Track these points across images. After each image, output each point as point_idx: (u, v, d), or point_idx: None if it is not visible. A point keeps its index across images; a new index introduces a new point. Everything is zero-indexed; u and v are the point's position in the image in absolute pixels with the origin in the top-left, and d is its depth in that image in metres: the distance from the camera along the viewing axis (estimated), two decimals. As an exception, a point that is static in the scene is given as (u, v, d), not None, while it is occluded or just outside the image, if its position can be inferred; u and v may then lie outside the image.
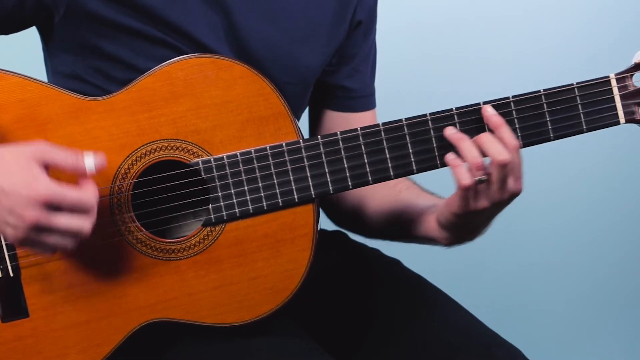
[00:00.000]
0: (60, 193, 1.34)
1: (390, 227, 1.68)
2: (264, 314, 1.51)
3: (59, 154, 1.37)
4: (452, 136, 1.49)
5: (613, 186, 2.91)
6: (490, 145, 1.46)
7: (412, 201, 1.65)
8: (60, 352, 1.48)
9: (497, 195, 1.46)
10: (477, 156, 1.46)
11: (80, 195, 1.36)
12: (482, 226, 1.56)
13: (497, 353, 1.57)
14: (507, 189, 1.47)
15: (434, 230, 1.57)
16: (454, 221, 1.51)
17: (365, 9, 1.70)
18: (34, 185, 1.33)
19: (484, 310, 1.80)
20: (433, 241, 1.61)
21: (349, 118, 1.72)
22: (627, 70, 1.52)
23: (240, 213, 1.49)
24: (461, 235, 1.56)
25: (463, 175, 1.45)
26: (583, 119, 1.52)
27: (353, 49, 1.70)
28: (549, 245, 2.91)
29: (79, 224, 1.36)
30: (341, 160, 1.51)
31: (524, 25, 2.78)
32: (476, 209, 1.47)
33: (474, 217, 1.50)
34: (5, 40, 1.59)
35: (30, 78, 1.46)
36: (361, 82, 1.73)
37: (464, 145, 1.47)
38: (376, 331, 1.65)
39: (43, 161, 1.35)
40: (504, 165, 1.44)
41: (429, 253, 2.26)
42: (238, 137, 1.49)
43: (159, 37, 1.52)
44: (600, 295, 2.98)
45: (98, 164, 1.38)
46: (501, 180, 1.45)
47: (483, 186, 1.46)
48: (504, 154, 1.45)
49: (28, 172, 1.33)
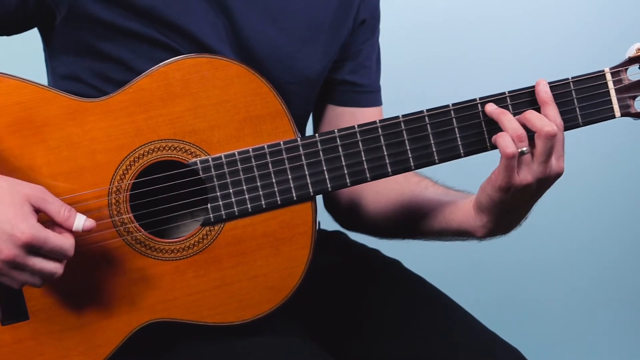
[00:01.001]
0: (43, 238, 1.36)
1: (405, 222, 1.66)
2: (264, 312, 1.51)
3: (53, 206, 1.39)
4: (494, 111, 1.49)
5: (612, 184, 2.91)
6: (536, 120, 1.46)
7: (440, 195, 1.64)
8: (60, 354, 1.47)
9: (540, 171, 1.46)
10: (518, 127, 1.46)
11: (61, 243, 1.38)
12: (522, 211, 1.54)
13: (496, 353, 1.57)
14: (551, 165, 1.47)
15: (468, 219, 1.55)
16: (496, 198, 1.49)
17: (369, 9, 1.70)
18: (20, 225, 1.34)
19: (484, 310, 1.79)
20: (466, 234, 1.58)
21: (356, 113, 1.72)
22: (621, 64, 1.54)
23: (239, 212, 1.50)
24: (500, 220, 1.53)
25: (508, 143, 1.45)
26: (579, 113, 1.53)
27: (358, 45, 1.70)
28: (548, 245, 2.90)
29: (53, 268, 1.38)
30: (339, 158, 1.51)
31: (524, 25, 2.80)
32: (520, 183, 1.46)
33: (516, 194, 1.48)
34: (5, 42, 1.59)
35: (27, 80, 1.47)
36: (367, 77, 1.73)
37: (506, 118, 1.47)
38: (376, 331, 1.64)
39: (37, 206, 1.38)
40: (550, 137, 1.44)
41: (429, 253, 2.27)
42: (236, 137, 1.50)
43: (159, 39, 1.53)
44: (599, 295, 2.98)
45: (86, 227, 1.40)
46: (545, 154, 1.45)
47: (527, 159, 1.46)
48: (550, 126, 1.45)
49: (18, 210, 1.35)
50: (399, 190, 1.68)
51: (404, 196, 1.67)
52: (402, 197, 1.67)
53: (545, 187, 1.50)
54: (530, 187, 1.47)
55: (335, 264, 1.74)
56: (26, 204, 1.36)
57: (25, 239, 1.34)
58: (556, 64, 2.66)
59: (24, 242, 1.35)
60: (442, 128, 1.51)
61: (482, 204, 1.52)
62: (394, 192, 1.68)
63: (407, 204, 1.66)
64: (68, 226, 1.39)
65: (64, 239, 1.38)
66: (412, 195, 1.66)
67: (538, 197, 1.53)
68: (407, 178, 1.68)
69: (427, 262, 1.89)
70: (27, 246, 1.35)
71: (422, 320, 1.63)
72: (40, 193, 1.38)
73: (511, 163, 1.45)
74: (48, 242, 1.36)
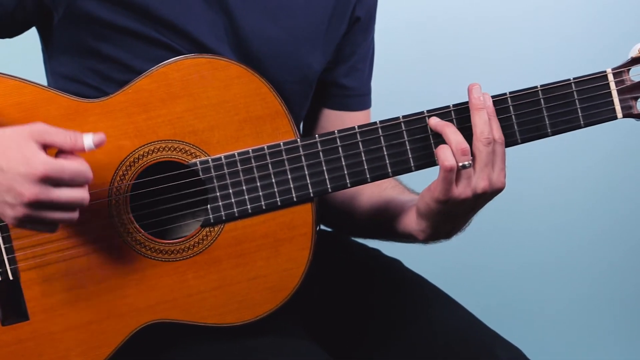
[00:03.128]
0: (59, 166, 1.33)
1: (373, 224, 1.68)
2: (264, 313, 1.51)
3: (58, 134, 1.36)
4: (437, 124, 1.49)
5: (613, 185, 2.91)
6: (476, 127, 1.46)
7: (395, 197, 1.65)
8: (60, 355, 1.48)
9: (480, 185, 1.46)
10: (461, 141, 1.46)
11: (78, 166, 1.35)
12: (461, 220, 1.55)
13: (497, 353, 1.57)
14: (491, 179, 1.47)
15: (411, 224, 1.56)
16: (433, 208, 1.49)
17: (365, 7, 1.70)
18: (32, 162, 1.32)
19: (484, 310, 1.80)
20: (410, 237, 1.59)
21: (344, 117, 1.72)
22: (624, 64, 1.53)
23: (239, 213, 1.49)
24: (438, 227, 1.54)
25: (447, 156, 1.45)
26: (580, 114, 1.52)
27: (351, 47, 1.70)
28: (549, 244, 2.90)
29: (79, 194, 1.36)
30: (339, 159, 1.51)
31: (525, 25, 2.79)
32: (459, 196, 1.46)
33: (454, 206, 1.48)
34: (5, 42, 1.59)
35: (26, 81, 1.46)
36: (359, 81, 1.73)
37: (449, 130, 1.47)
38: (376, 331, 1.64)
39: (42, 141, 1.35)
40: (489, 142, 1.45)
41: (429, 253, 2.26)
42: (235, 137, 1.49)
43: (158, 38, 1.52)
44: (600, 294, 2.98)
45: (97, 141, 1.37)
46: (485, 165, 1.45)
47: (467, 173, 1.46)
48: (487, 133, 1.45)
49: (26, 150, 1.33)
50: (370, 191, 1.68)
51: (371, 197, 1.68)
52: (372, 198, 1.68)
53: (485, 201, 1.51)
54: (469, 200, 1.47)
55: (336, 264, 1.74)
56: (31, 142, 1.34)
57: (41, 173, 1.32)
58: (558, 64, 2.66)
59: (42, 176, 1.32)
60: None
61: (420, 211, 1.53)
62: (367, 192, 1.69)
63: (372, 206, 1.67)
64: (79, 148, 1.37)
65: (78, 163, 1.36)
66: (369, 195, 1.67)
67: (478, 209, 1.53)
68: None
69: (428, 262, 1.89)
70: (46, 179, 1.32)
71: (423, 320, 1.63)
72: (41, 127, 1.36)
73: (449, 176, 1.45)
74: (65, 170, 1.34)
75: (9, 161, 1.33)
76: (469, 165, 1.45)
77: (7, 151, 1.33)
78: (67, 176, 1.34)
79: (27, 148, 1.33)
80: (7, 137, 1.34)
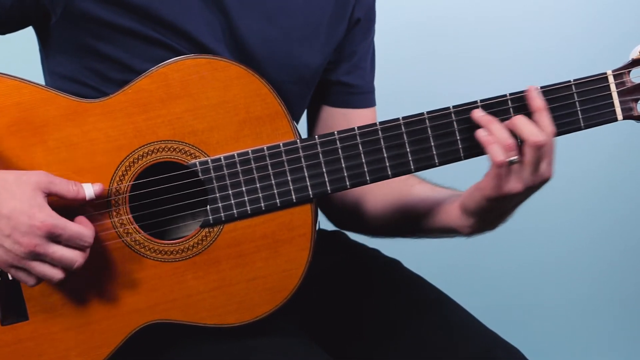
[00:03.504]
0: (62, 225, 1.38)
1: (400, 222, 1.66)
2: (264, 314, 1.51)
3: (61, 186, 1.41)
4: (481, 118, 1.47)
5: (613, 186, 2.91)
6: (524, 127, 1.45)
7: (427, 194, 1.63)
8: (60, 355, 1.48)
9: (529, 179, 1.45)
10: (507, 137, 1.45)
11: (80, 229, 1.39)
12: (508, 213, 1.54)
13: (497, 353, 1.57)
14: (540, 172, 1.46)
15: (455, 219, 1.55)
16: (485, 205, 1.48)
17: (364, 8, 1.70)
18: (38, 215, 1.36)
19: (484, 310, 1.79)
20: (452, 232, 1.58)
21: (349, 115, 1.72)
22: (624, 66, 1.52)
23: (238, 214, 1.49)
24: (486, 222, 1.53)
25: (497, 152, 1.44)
26: (581, 116, 1.52)
27: (352, 46, 1.70)
28: (548, 245, 2.90)
29: (74, 256, 1.39)
30: (339, 160, 1.51)
31: (525, 26, 2.79)
32: (509, 191, 1.46)
33: (505, 202, 1.48)
34: (5, 42, 1.59)
35: (26, 80, 1.46)
36: (361, 79, 1.73)
37: (495, 127, 1.46)
38: (376, 331, 1.64)
39: (47, 191, 1.39)
40: (539, 147, 1.43)
41: (429, 253, 2.26)
42: (235, 138, 1.49)
43: (156, 37, 1.52)
44: (600, 294, 2.98)
45: (97, 192, 1.43)
46: (535, 163, 1.45)
47: (516, 168, 1.45)
48: (538, 136, 1.44)
49: (33, 201, 1.37)
50: (387, 189, 1.67)
51: (391, 195, 1.67)
52: (389, 195, 1.67)
53: (533, 192, 1.50)
54: (520, 194, 1.47)
55: (335, 264, 1.74)
56: (38, 192, 1.38)
57: (46, 228, 1.36)
58: (558, 66, 2.65)
59: (45, 231, 1.36)
60: (443, 130, 1.50)
61: (470, 209, 1.52)
62: (382, 190, 1.68)
63: (394, 203, 1.66)
64: (81, 199, 1.41)
65: (82, 226, 1.40)
66: (399, 194, 1.66)
67: (525, 200, 1.52)
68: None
69: (427, 262, 1.89)
70: (48, 235, 1.36)
71: (422, 320, 1.63)
72: (45, 177, 1.40)
73: (500, 172, 1.45)
74: (67, 229, 1.38)
75: (13, 210, 1.36)
76: (518, 160, 1.44)
77: (12, 197, 1.36)
78: (67, 235, 1.38)
79: (33, 199, 1.37)
80: (12, 183, 1.37)
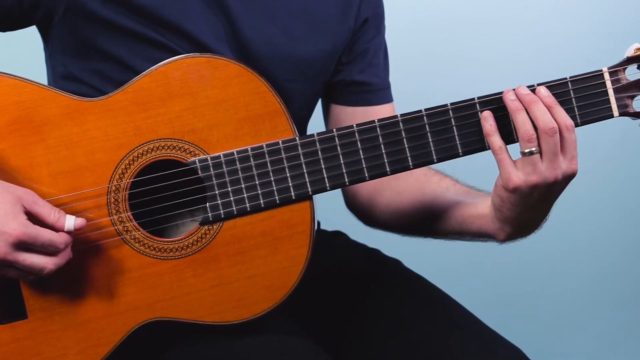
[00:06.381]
0: (34, 234, 1.38)
1: (429, 223, 1.66)
2: (263, 311, 1.51)
3: (44, 209, 1.41)
4: (512, 103, 1.48)
5: (611, 184, 2.91)
6: (540, 114, 1.46)
7: (461, 197, 1.63)
8: (59, 353, 1.47)
9: (548, 172, 1.46)
10: (530, 128, 1.46)
11: (51, 236, 1.39)
12: (536, 213, 1.53)
13: (498, 352, 1.57)
14: (560, 167, 1.46)
15: (488, 222, 1.55)
16: (504, 197, 1.48)
17: (371, 6, 1.71)
18: (10, 223, 1.36)
19: (485, 309, 1.79)
20: (486, 236, 1.58)
21: (369, 112, 1.72)
22: (619, 63, 1.53)
23: (238, 211, 1.50)
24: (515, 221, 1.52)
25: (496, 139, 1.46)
26: (577, 113, 1.52)
27: (364, 44, 1.71)
28: (549, 244, 2.89)
29: (43, 263, 1.39)
30: (337, 157, 1.51)
31: (523, 25, 2.80)
32: (529, 182, 1.45)
33: (525, 195, 1.47)
34: (5, 42, 1.60)
35: (26, 80, 1.47)
36: (375, 76, 1.73)
37: (520, 117, 1.46)
38: (376, 331, 1.64)
39: (29, 208, 1.39)
40: (551, 134, 1.44)
41: (429, 253, 2.26)
42: (234, 136, 1.50)
43: (157, 38, 1.53)
44: (600, 294, 2.97)
45: (77, 225, 1.42)
46: (551, 154, 1.45)
47: (535, 159, 1.45)
48: (551, 124, 1.44)
49: (9, 209, 1.37)
50: (420, 190, 1.67)
51: (425, 196, 1.66)
52: (422, 197, 1.67)
53: (557, 188, 1.49)
54: (540, 188, 1.47)
55: (335, 264, 1.74)
56: (17, 204, 1.38)
57: (16, 235, 1.36)
58: (554, 64, 2.67)
59: (15, 239, 1.36)
60: (441, 127, 1.51)
61: (494, 204, 1.52)
62: (415, 191, 1.68)
63: (428, 205, 1.66)
64: (59, 227, 1.41)
65: (54, 233, 1.40)
66: (433, 196, 1.66)
67: (553, 198, 1.51)
68: (427, 177, 1.68)
69: (427, 262, 1.89)
70: (18, 243, 1.37)
71: (423, 320, 1.63)
72: (31, 196, 1.40)
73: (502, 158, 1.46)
74: (39, 238, 1.38)
75: None
76: (536, 151, 1.45)
77: None
78: (39, 244, 1.38)
79: (11, 208, 1.37)
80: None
